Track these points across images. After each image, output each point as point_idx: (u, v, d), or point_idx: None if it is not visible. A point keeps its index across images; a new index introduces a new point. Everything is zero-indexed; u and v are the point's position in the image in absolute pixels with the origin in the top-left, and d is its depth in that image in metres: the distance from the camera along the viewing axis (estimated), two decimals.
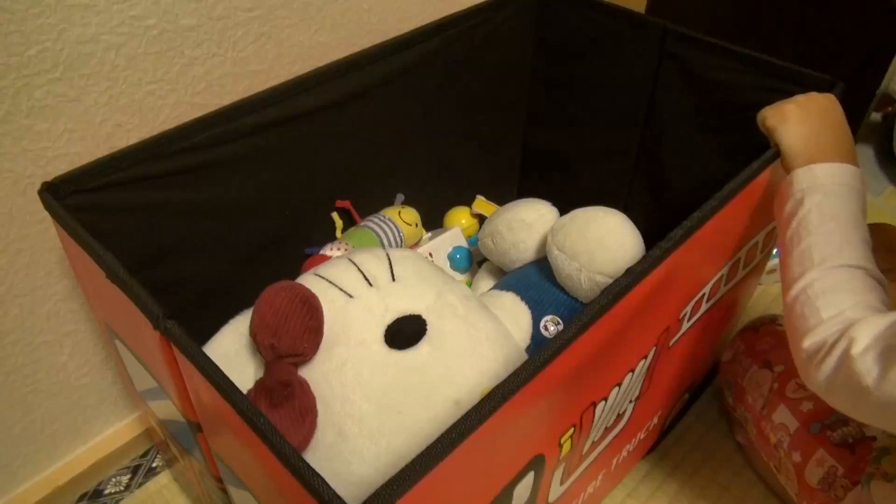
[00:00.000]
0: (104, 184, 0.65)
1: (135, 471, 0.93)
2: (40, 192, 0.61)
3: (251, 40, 0.80)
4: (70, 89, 0.68)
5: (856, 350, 0.50)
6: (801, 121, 0.65)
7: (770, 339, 0.88)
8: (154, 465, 0.94)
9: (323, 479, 0.39)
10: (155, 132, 0.73)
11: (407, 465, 0.40)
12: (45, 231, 0.73)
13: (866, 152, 1.49)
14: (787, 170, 0.65)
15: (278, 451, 0.41)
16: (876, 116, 1.52)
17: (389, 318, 0.66)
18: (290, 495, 0.42)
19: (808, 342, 0.55)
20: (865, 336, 0.50)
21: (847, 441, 0.75)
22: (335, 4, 0.86)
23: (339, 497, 0.38)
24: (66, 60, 0.66)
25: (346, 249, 0.89)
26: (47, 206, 0.61)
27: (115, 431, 0.93)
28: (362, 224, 0.95)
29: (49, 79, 0.66)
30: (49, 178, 0.62)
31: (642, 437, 0.84)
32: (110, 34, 0.68)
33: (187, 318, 0.50)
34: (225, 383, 0.45)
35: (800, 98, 0.68)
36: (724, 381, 0.94)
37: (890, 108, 1.48)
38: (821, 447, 0.76)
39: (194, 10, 0.73)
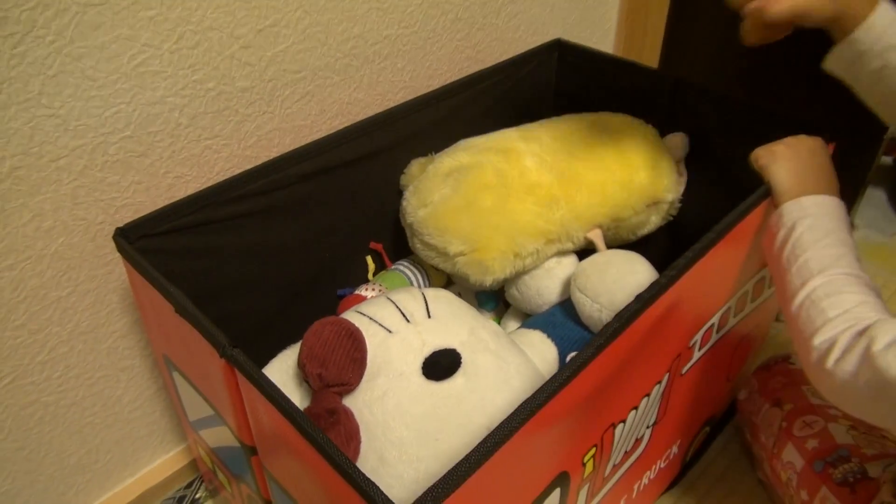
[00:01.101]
0: (166, 229, 0.73)
1: (179, 501, 0.98)
2: (114, 237, 0.68)
3: (297, 98, 0.88)
4: (139, 145, 0.76)
5: (877, 347, 0.52)
6: (789, 159, 0.72)
7: (782, 377, 0.92)
8: (198, 496, 0.99)
9: (378, 488, 0.44)
10: (210, 182, 0.81)
11: (444, 475, 0.44)
12: (109, 273, 0.80)
13: (878, 195, 1.53)
14: (777, 205, 0.70)
15: (337, 464, 0.46)
16: (886, 160, 1.57)
17: (427, 352, 0.71)
18: None
19: (819, 339, 0.57)
20: (886, 333, 0.53)
21: (848, 480, 0.77)
22: (372, 65, 0.94)
23: (391, 502, 0.43)
24: (137, 120, 0.74)
25: (380, 290, 0.94)
26: (120, 249, 0.68)
27: (162, 463, 0.98)
28: (393, 267, 1.01)
29: (121, 136, 0.74)
30: (117, 225, 0.70)
31: (663, 465, 0.87)
32: (175, 96, 0.76)
33: None
34: (287, 405, 0.50)
35: (789, 139, 0.74)
36: (742, 420, 0.97)
37: None
38: (824, 485, 0.78)
39: (248, 73, 0.81)
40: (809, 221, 0.65)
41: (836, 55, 0.68)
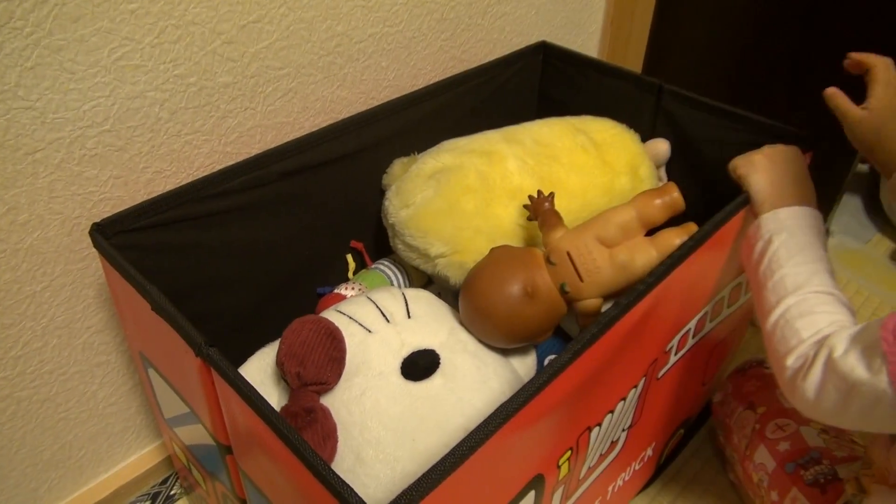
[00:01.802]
0: (144, 225, 0.72)
1: (154, 498, 0.97)
2: (91, 232, 0.67)
3: (279, 95, 0.87)
4: (117, 139, 0.75)
5: (837, 354, 0.55)
6: (767, 169, 0.73)
7: (756, 381, 0.93)
8: (172, 492, 0.98)
9: (352, 490, 0.44)
10: (190, 178, 0.80)
11: (420, 477, 0.45)
12: (85, 268, 0.79)
13: (854, 202, 1.56)
14: (755, 214, 0.72)
15: (311, 465, 0.46)
16: (863, 167, 1.59)
17: (405, 352, 0.71)
18: None
19: (791, 359, 0.59)
20: (842, 341, 0.55)
21: (819, 481, 0.79)
22: (356, 63, 0.94)
23: (364, 502, 0.43)
24: (116, 114, 0.73)
25: (360, 289, 0.94)
26: (96, 245, 0.67)
27: (137, 459, 0.98)
28: (373, 267, 1.01)
29: (100, 130, 0.73)
30: (94, 220, 0.69)
31: (637, 467, 0.88)
32: (156, 91, 0.75)
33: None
34: (262, 404, 0.50)
35: (766, 149, 0.76)
36: (716, 421, 0.99)
37: None
38: (794, 486, 0.80)
39: (231, 69, 0.81)
40: (785, 236, 0.67)
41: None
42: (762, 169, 0.73)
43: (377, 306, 0.75)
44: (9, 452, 0.83)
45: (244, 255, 0.84)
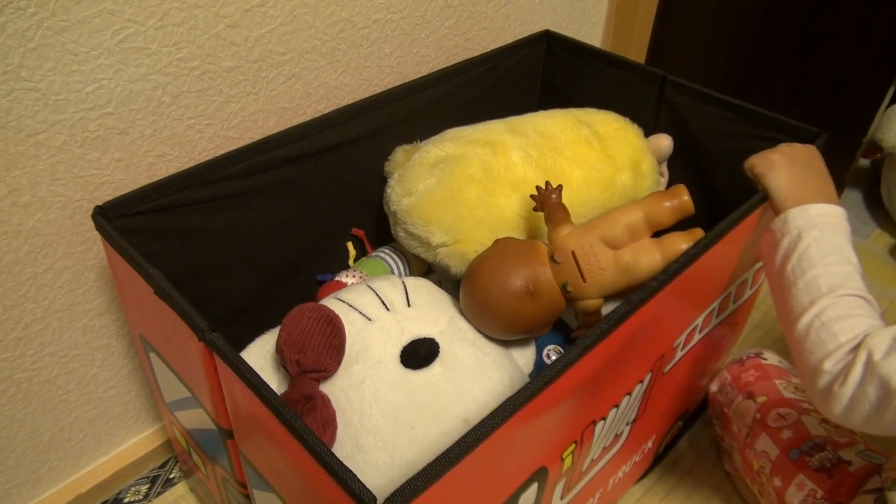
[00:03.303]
0: (146, 208, 0.72)
1: (153, 481, 0.98)
2: (93, 215, 0.67)
3: (282, 80, 0.87)
4: (120, 122, 0.75)
5: (878, 356, 0.53)
6: (787, 168, 0.71)
7: (754, 371, 0.94)
8: (172, 476, 0.98)
9: (355, 476, 0.44)
10: (192, 163, 0.80)
11: (424, 468, 0.45)
12: (87, 251, 0.79)
13: (855, 196, 1.56)
14: (777, 212, 0.70)
15: (314, 451, 0.46)
16: (864, 162, 1.60)
17: (405, 341, 0.71)
18: (320, 489, 0.48)
19: (829, 363, 0.58)
20: (882, 342, 0.54)
21: (825, 466, 0.80)
22: (359, 49, 0.93)
23: (367, 490, 0.43)
24: (119, 97, 0.73)
25: (360, 277, 0.94)
26: (99, 228, 0.67)
27: (137, 442, 0.98)
28: (374, 254, 1.01)
29: (103, 113, 0.73)
30: (96, 203, 0.69)
31: (637, 459, 0.89)
32: (159, 74, 0.75)
33: None
34: (266, 390, 0.50)
35: (784, 148, 0.74)
36: (713, 411, 1.00)
37: (878, 155, 1.55)
38: (800, 472, 0.81)
39: (234, 53, 0.80)
40: (816, 234, 0.65)
41: None
42: (781, 167, 0.71)
43: (377, 294, 0.75)
44: (9, 434, 0.83)
45: (245, 241, 0.83)
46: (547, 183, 0.79)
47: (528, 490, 0.60)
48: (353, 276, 0.94)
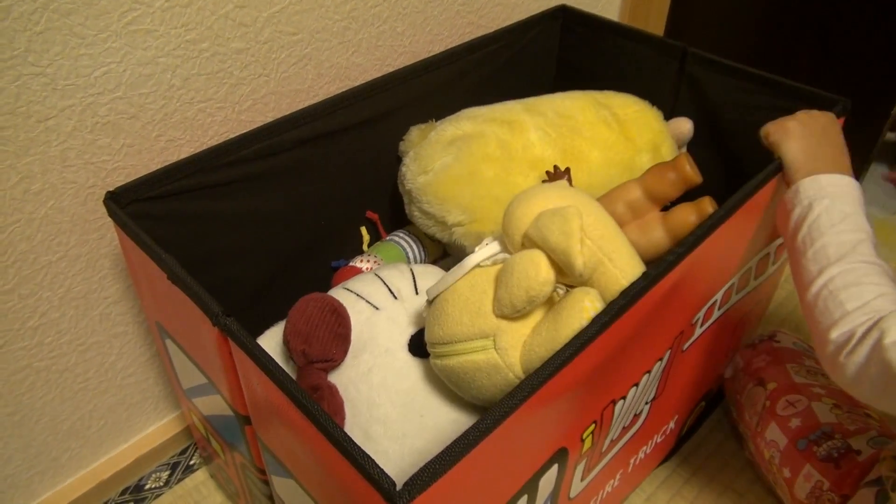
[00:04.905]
0: (158, 194, 0.71)
1: (174, 467, 0.98)
2: (105, 201, 0.66)
3: (293, 62, 0.85)
4: (130, 107, 0.73)
5: (888, 340, 0.52)
6: (802, 136, 0.70)
7: (766, 355, 0.91)
8: (192, 462, 0.99)
9: (373, 461, 0.43)
10: (204, 147, 0.79)
11: (442, 451, 0.44)
12: (101, 238, 0.79)
13: (881, 171, 1.52)
14: (789, 182, 0.68)
15: (331, 436, 0.45)
16: (891, 136, 1.55)
17: (413, 329, 0.70)
18: (338, 475, 0.47)
19: (836, 333, 0.57)
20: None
21: (832, 455, 0.77)
22: (371, 28, 0.92)
23: (385, 474, 0.42)
24: (128, 80, 0.72)
25: (376, 262, 0.93)
26: (111, 213, 0.66)
27: (156, 429, 0.98)
28: (388, 238, 0.99)
29: (112, 97, 0.72)
30: (107, 189, 0.68)
31: (659, 440, 0.87)
32: (167, 56, 0.74)
33: None
34: (281, 374, 0.49)
35: (801, 115, 0.72)
36: (729, 398, 0.97)
37: None
38: (807, 462, 0.79)
39: (244, 34, 0.79)
40: (827, 203, 0.64)
41: None
42: (796, 136, 0.69)
43: (384, 283, 0.74)
44: (29, 422, 0.83)
45: (258, 225, 0.82)
46: (555, 167, 0.77)
47: (548, 471, 0.59)
48: (369, 261, 0.93)
